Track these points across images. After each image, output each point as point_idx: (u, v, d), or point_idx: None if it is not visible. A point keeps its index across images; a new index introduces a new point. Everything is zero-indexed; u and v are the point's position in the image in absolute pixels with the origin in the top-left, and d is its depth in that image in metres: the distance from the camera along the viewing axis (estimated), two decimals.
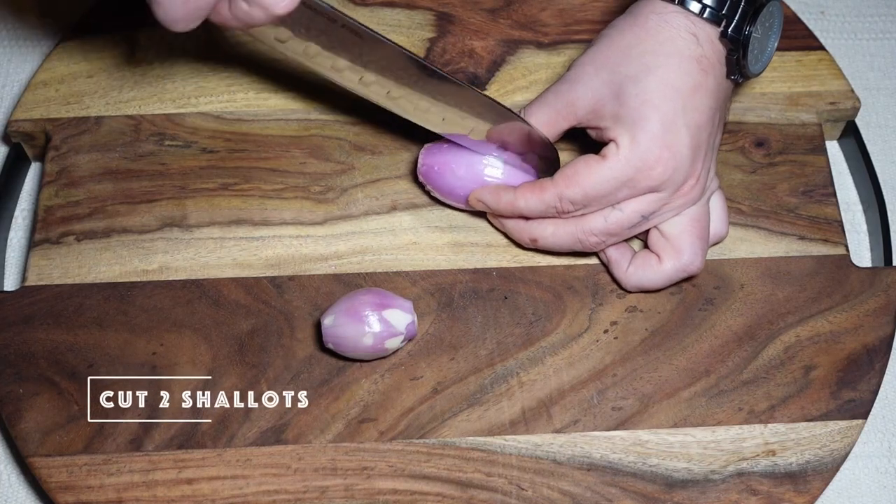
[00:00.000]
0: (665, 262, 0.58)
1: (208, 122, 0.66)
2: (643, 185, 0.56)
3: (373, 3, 0.71)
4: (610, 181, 0.56)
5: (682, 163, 0.55)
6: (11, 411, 0.57)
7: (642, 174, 0.55)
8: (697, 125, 0.56)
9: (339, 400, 0.58)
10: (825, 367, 0.59)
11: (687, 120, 0.55)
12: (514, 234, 0.61)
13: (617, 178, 0.55)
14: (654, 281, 0.59)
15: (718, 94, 0.57)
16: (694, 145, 0.56)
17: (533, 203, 0.58)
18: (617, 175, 0.55)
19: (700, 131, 0.56)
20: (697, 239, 0.58)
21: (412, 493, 0.55)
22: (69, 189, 0.64)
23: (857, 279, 0.62)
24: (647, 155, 0.55)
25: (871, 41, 0.76)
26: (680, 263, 0.58)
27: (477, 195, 0.60)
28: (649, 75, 0.55)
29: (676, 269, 0.58)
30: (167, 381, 0.58)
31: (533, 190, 0.58)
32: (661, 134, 0.55)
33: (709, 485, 0.56)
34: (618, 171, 0.55)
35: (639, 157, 0.55)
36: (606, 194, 0.56)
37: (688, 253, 0.58)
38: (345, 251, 0.62)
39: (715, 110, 0.57)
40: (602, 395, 0.58)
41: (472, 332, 0.60)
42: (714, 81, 0.56)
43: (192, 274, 0.61)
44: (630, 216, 0.57)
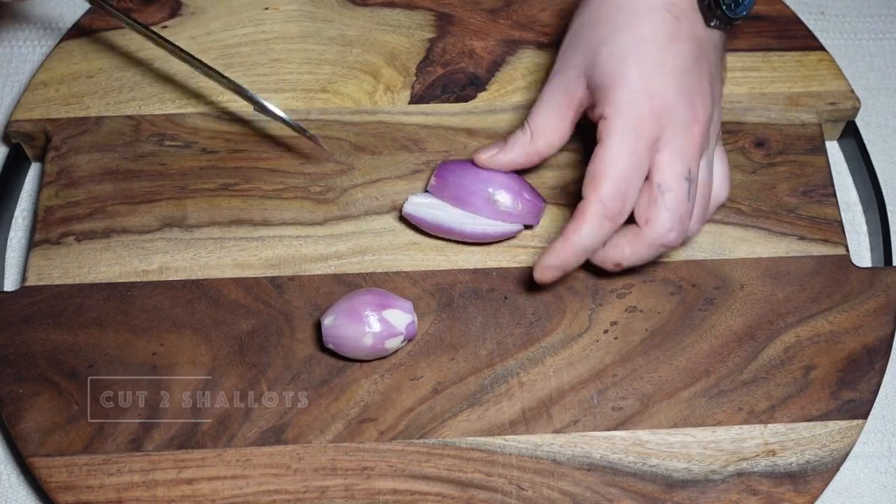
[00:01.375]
0: None
1: (208, 122, 0.66)
2: (650, 138, 0.53)
3: (373, 4, 0.71)
4: (621, 155, 0.53)
5: (674, 107, 0.53)
6: (11, 411, 0.57)
7: (642, 127, 0.53)
8: (682, 70, 0.54)
9: (339, 400, 0.58)
10: (825, 367, 0.59)
11: (666, 68, 0.53)
12: (599, 265, 0.57)
13: (624, 148, 0.53)
14: None
15: (700, 42, 0.55)
16: (682, 89, 0.54)
17: (585, 231, 0.54)
18: (622, 145, 0.53)
19: (686, 75, 0.54)
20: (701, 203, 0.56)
21: (412, 493, 0.55)
22: (69, 189, 0.64)
23: (857, 279, 0.62)
24: (633, 109, 0.53)
25: (871, 41, 0.76)
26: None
27: (541, 270, 0.56)
28: (620, 33, 0.54)
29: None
30: (167, 381, 0.58)
31: (576, 222, 0.54)
32: (643, 85, 0.53)
33: (709, 485, 0.56)
34: (619, 141, 0.53)
35: (628, 116, 0.53)
36: (632, 168, 0.53)
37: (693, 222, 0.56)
38: (345, 251, 0.62)
39: (699, 55, 0.55)
40: (602, 395, 0.58)
41: (472, 332, 0.60)
42: (689, 29, 0.54)
43: (191, 274, 0.61)
44: (678, 185, 0.53)
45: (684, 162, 0.54)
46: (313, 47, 0.69)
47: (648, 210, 0.54)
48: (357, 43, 0.69)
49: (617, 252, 0.56)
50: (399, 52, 0.69)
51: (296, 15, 0.71)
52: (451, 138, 0.66)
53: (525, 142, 0.58)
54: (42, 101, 0.67)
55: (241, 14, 0.70)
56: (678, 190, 0.54)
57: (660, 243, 0.54)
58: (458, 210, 0.60)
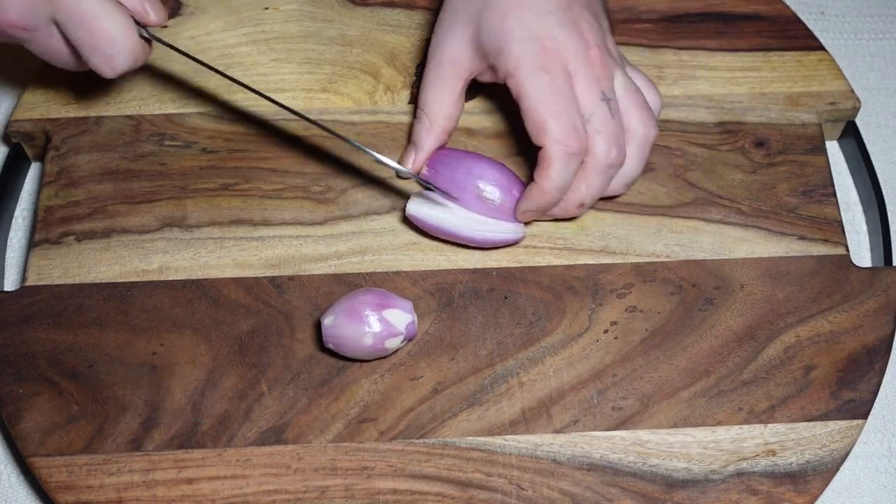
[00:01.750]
0: (628, 147, 0.59)
1: (208, 122, 0.66)
2: (559, 72, 0.56)
3: (373, 3, 0.71)
4: (546, 94, 0.56)
5: (564, 40, 0.56)
6: (11, 411, 0.57)
7: (547, 65, 0.56)
8: (558, 9, 0.57)
9: (339, 400, 0.58)
10: (825, 367, 0.59)
11: (545, 10, 0.57)
12: (565, 215, 0.61)
13: (545, 88, 0.56)
14: (634, 169, 0.60)
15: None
16: (564, 23, 0.57)
17: (554, 174, 0.57)
18: (541, 87, 0.56)
19: (565, 12, 0.57)
20: (639, 108, 0.59)
21: (412, 493, 0.55)
22: (69, 189, 0.64)
23: (857, 279, 0.62)
24: (530, 54, 0.56)
25: (871, 41, 0.76)
26: (640, 138, 0.59)
27: (521, 213, 0.60)
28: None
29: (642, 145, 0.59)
30: (167, 381, 0.58)
31: (544, 168, 0.57)
32: (529, 32, 0.57)
33: (709, 485, 0.56)
34: (536, 85, 0.56)
35: (529, 61, 0.56)
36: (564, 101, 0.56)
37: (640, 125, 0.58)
38: (345, 251, 0.62)
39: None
40: (602, 395, 0.58)
41: (472, 332, 0.60)
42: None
43: (192, 274, 0.61)
44: (598, 107, 0.56)
45: (596, 85, 0.57)
46: (313, 47, 0.69)
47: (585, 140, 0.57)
48: (357, 43, 0.69)
49: (575, 193, 0.59)
50: (399, 52, 0.69)
51: (296, 15, 0.71)
52: (451, 139, 0.66)
53: (427, 128, 0.61)
54: (42, 100, 0.67)
55: (241, 14, 0.70)
56: (600, 112, 0.57)
57: (607, 164, 0.58)
58: (462, 211, 0.60)
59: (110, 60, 0.54)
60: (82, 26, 0.53)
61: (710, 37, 0.70)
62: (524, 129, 0.58)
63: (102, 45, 0.53)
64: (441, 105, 0.61)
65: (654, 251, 0.62)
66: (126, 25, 0.54)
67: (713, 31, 0.70)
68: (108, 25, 0.53)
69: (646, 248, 0.62)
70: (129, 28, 0.54)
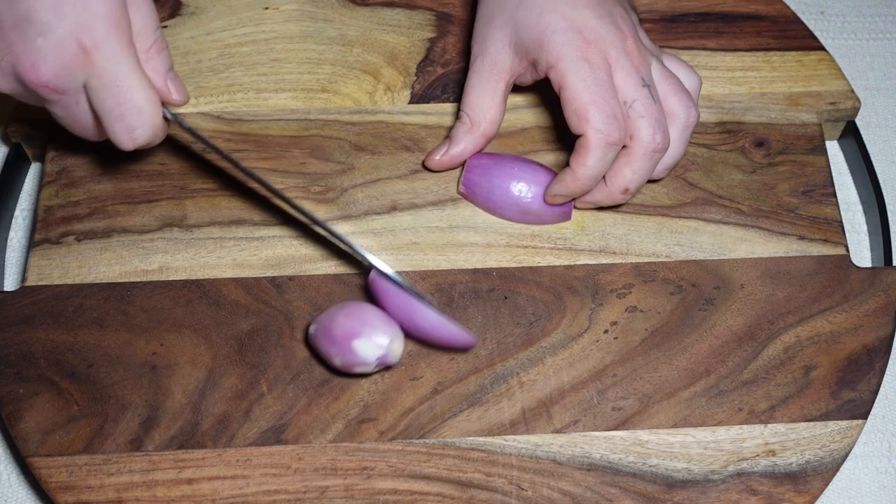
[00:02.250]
0: (670, 132, 0.59)
1: (208, 122, 0.66)
2: (601, 62, 0.57)
3: (373, 3, 0.71)
4: (588, 84, 0.56)
5: (602, 32, 0.57)
6: (11, 411, 0.57)
7: (588, 56, 0.57)
8: (594, 2, 0.58)
9: (339, 400, 0.58)
10: (825, 367, 0.59)
11: (581, 4, 0.58)
12: (608, 202, 0.61)
13: (587, 78, 0.56)
14: (677, 152, 0.60)
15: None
16: (602, 16, 0.58)
17: (591, 162, 0.57)
18: (584, 77, 0.56)
19: (600, 5, 0.58)
20: (678, 93, 0.59)
21: (412, 493, 0.55)
22: (69, 189, 0.64)
23: (857, 279, 0.62)
24: (572, 45, 0.57)
25: (871, 41, 0.76)
26: (682, 122, 0.59)
27: (551, 196, 0.61)
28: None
29: (683, 129, 0.59)
30: (167, 381, 0.58)
31: (581, 155, 0.57)
32: (569, 24, 0.57)
33: (709, 485, 0.56)
34: (578, 76, 0.56)
35: (571, 52, 0.57)
36: (606, 90, 0.56)
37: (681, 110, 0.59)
38: (345, 251, 0.62)
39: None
40: (602, 395, 0.58)
41: (472, 332, 0.60)
42: None
43: (192, 274, 0.61)
44: (639, 93, 0.57)
45: (636, 73, 0.58)
46: (313, 47, 0.69)
47: (628, 127, 0.57)
48: (357, 43, 0.69)
49: (619, 179, 0.59)
50: (399, 52, 0.69)
51: (296, 15, 0.71)
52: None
53: (467, 129, 0.62)
54: None
55: (241, 14, 0.70)
56: (642, 97, 0.57)
57: (652, 150, 0.58)
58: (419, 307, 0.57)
59: (132, 132, 0.54)
60: (112, 94, 0.52)
61: (710, 37, 0.70)
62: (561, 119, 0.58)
63: (127, 116, 0.53)
64: (482, 108, 0.61)
65: (654, 251, 0.62)
66: (154, 100, 0.54)
67: (713, 31, 0.70)
68: (138, 97, 0.53)
69: (646, 248, 0.62)
70: (156, 103, 0.54)
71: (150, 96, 0.53)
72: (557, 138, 0.66)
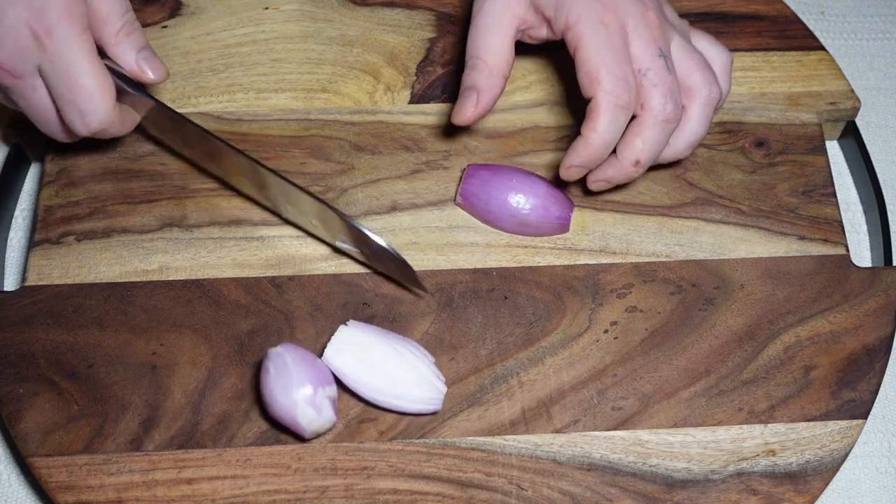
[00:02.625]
0: (691, 107, 0.58)
1: (208, 122, 0.66)
2: (617, 28, 0.56)
3: (373, 3, 0.71)
4: (602, 47, 0.56)
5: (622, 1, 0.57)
6: (11, 411, 0.57)
7: (606, 19, 0.56)
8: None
9: (340, 400, 0.58)
10: (825, 367, 0.59)
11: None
12: (620, 176, 0.59)
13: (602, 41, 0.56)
14: (699, 130, 0.59)
15: None
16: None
17: (602, 126, 0.56)
18: (599, 40, 0.56)
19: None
20: (701, 69, 0.58)
21: (412, 493, 0.55)
22: (69, 189, 0.64)
23: (857, 279, 0.62)
24: (591, 8, 0.56)
25: (871, 41, 0.76)
26: (703, 97, 0.58)
27: (566, 170, 0.59)
28: None
29: (704, 105, 0.58)
30: (167, 381, 0.58)
31: (592, 120, 0.56)
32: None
33: (709, 485, 0.56)
34: (594, 38, 0.56)
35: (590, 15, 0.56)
36: (619, 54, 0.56)
37: (702, 85, 0.58)
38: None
39: None
40: (602, 395, 0.58)
41: (472, 332, 0.60)
42: None
43: (192, 274, 0.61)
44: (655, 63, 0.56)
45: (653, 43, 0.57)
46: (313, 47, 0.69)
47: (640, 96, 0.57)
48: (357, 43, 0.69)
49: (631, 150, 0.58)
50: (399, 52, 0.69)
51: (296, 15, 0.71)
52: (451, 138, 0.66)
53: (487, 74, 0.59)
54: None
55: (241, 14, 0.70)
56: (657, 66, 0.56)
57: (662, 119, 0.57)
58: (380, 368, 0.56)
59: (84, 117, 0.54)
60: (63, 79, 0.53)
61: None
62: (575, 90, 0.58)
63: (79, 100, 0.54)
64: (495, 50, 0.59)
65: (654, 251, 0.62)
66: (105, 87, 0.54)
67: (713, 31, 0.70)
68: (88, 82, 0.54)
69: (646, 248, 0.62)
70: (107, 89, 0.55)
71: (101, 82, 0.54)
72: (557, 138, 0.66)
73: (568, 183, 0.62)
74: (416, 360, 0.56)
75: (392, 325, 0.59)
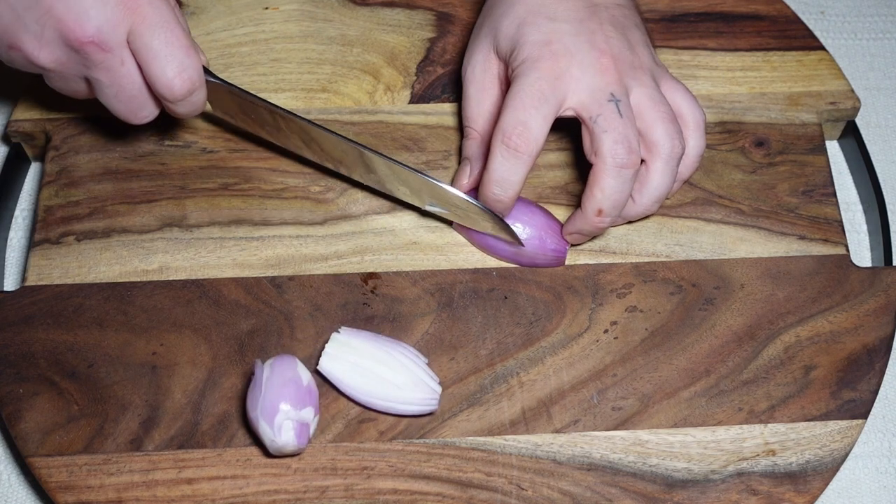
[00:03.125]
0: (653, 163, 0.57)
1: (208, 122, 0.66)
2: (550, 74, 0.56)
3: (373, 3, 0.71)
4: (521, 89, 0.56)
5: (573, 46, 0.56)
6: (11, 411, 0.57)
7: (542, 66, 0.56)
8: (576, 20, 0.57)
9: (340, 400, 0.58)
10: (825, 367, 0.59)
11: (560, 20, 0.57)
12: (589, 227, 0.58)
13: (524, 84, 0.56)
14: (661, 186, 0.58)
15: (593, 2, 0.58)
16: (579, 32, 0.57)
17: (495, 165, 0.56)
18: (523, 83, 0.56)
19: (582, 24, 0.57)
20: (664, 121, 0.57)
21: (412, 493, 0.55)
22: (69, 189, 0.64)
23: (857, 279, 0.62)
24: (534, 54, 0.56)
25: (871, 41, 0.76)
26: (665, 153, 0.57)
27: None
28: (515, 6, 0.59)
29: (667, 161, 0.57)
30: (167, 381, 0.58)
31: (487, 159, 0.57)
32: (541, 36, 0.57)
33: (709, 485, 0.56)
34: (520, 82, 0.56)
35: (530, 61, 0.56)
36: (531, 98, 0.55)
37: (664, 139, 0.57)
38: (345, 251, 0.62)
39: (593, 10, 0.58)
40: (602, 395, 0.58)
41: (472, 332, 0.60)
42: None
43: (192, 274, 0.61)
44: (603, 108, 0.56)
45: (602, 89, 0.56)
46: (313, 47, 0.69)
47: (592, 144, 0.56)
48: (357, 43, 0.69)
49: (591, 201, 0.57)
50: (399, 52, 0.69)
51: (296, 15, 0.71)
52: (451, 138, 0.66)
53: (479, 144, 0.61)
54: (42, 100, 0.67)
55: (241, 14, 0.70)
56: (606, 112, 0.56)
57: (616, 166, 0.56)
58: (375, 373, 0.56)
59: (183, 71, 0.53)
60: (161, 33, 0.53)
61: (710, 37, 0.70)
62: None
63: (179, 53, 0.53)
64: (484, 117, 0.61)
65: (654, 251, 0.62)
66: (195, 45, 0.55)
67: (713, 31, 0.70)
68: (184, 36, 0.54)
69: (646, 248, 0.62)
70: (197, 47, 0.55)
71: (192, 41, 0.55)
72: (558, 138, 0.66)
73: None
74: (410, 362, 0.56)
75: (392, 325, 0.60)
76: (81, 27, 0.52)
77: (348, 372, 0.56)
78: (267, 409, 0.53)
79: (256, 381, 0.54)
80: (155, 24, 0.53)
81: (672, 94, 0.59)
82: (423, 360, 0.57)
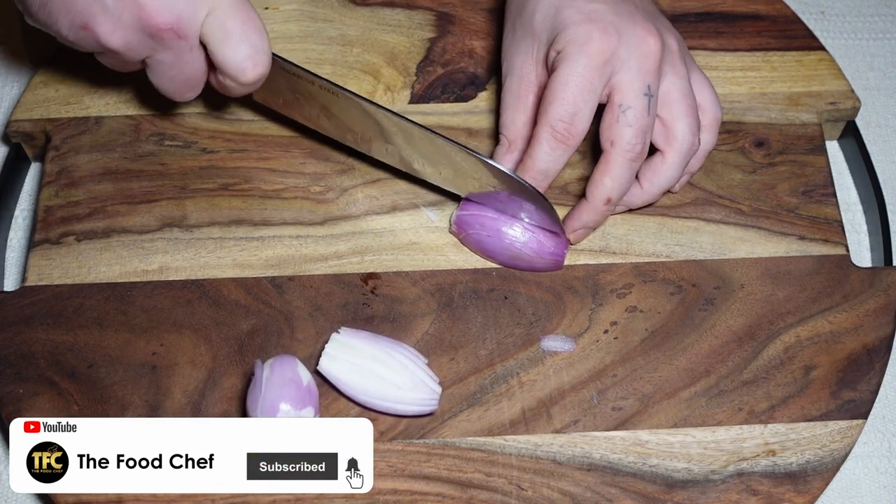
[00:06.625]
0: (670, 153, 0.58)
1: (208, 122, 0.66)
2: (600, 58, 0.56)
3: (373, 3, 0.71)
4: (571, 78, 0.56)
5: (619, 25, 0.56)
6: (11, 411, 0.57)
7: (591, 49, 0.56)
8: (612, 1, 0.57)
9: (339, 400, 0.58)
10: (825, 367, 0.59)
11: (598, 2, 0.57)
12: (596, 217, 0.59)
13: (575, 70, 0.56)
14: (672, 177, 0.59)
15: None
16: (620, 13, 0.57)
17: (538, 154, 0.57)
18: (572, 69, 0.56)
19: (619, 5, 0.57)
20: (689, 117, 0.58)
21: (412, 493, 0.55)
22: (69, 189, 0.64)
23: (857, 279, 0.62)
24: (580, 35, 0.56)
25: (871, 41, 0.76)
26: (683, 148, 0.58)
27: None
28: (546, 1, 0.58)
29: (682, 155, 0.58)
30: (167, 381, 0.58)
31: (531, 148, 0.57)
32: (584, 16, 0.56)
33: (709, 485, 0.56)
34: (569, 66, 0.56)
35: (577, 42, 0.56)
36: (581, 89, 0.56)
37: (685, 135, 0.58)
38: (345, 251, 0.62)
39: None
40: (602, 395, 0.58)
41: (472, 333, 0.60)
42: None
43: (192, 274, 0.61)
44: (637, 101, 0.56)
45: (642, 78, 0.56)
46: (313, 47, 0.69)
47: (611, 131, 0.57)
48: (357, 43, 0.69)
49: (601, 188, 0.58)
50: (399, 52, 0.69)
51: (296, 15, 0.71)
52: (451, 138, 0.66)
53: (506, 150, 0.61)
54: (42, 100, 0.67)
55: None
56: (638, 106, 0.56)
57: (630, 158, 0.57)
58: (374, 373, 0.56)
59: (256, 54, 0.54)
60: (236, 15, 0.53)
61: (710, 37, 0.70)
62: None
63: (253, 35, 0.53)
64: (517, 126, 0.60)
65: (654, 251, 0.62)
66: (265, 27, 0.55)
67: (713, 31, 0.70)
68: (258, 19, 0.54)
69: (646, 248, 0.62)
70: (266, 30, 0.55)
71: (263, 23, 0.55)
72: None
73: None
74: (410, 362, 0.56)
75: (392, 325, 0.60)
76: (162, 14, 0.52)
77: (348, 372, 0.56)
78: (267, 409, 0.53)
79: (256, 381, 0.54)
80: (233, 5, 0.53)
81: (699, 86, 0.60)
82: (423, 360, 0.57)
